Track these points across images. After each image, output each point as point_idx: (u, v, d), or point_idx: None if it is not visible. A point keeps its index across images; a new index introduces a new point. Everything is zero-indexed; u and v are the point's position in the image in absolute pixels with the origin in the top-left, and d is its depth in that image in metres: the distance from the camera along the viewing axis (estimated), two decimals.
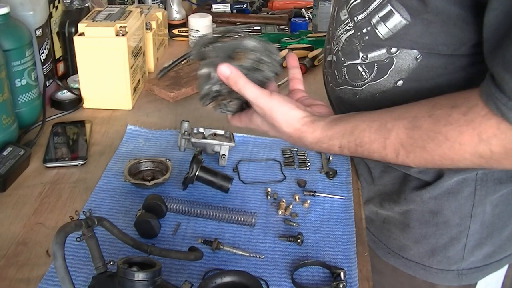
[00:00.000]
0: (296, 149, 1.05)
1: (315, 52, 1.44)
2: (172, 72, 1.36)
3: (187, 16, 1.62)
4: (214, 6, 1.76)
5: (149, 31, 1.36)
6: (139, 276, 0.61)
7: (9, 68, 1.04)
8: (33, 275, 0.76)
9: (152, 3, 1.66)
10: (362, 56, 0.80)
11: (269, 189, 0.94)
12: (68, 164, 1.00)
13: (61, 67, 1.31)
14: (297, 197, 0.92)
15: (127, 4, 1.63)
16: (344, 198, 0.93)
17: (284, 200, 0.90)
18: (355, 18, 0.81)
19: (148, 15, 1.41)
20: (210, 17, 1.55)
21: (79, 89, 1.21)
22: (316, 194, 0.93)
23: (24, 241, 0.82)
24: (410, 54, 0.74)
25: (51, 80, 1.23)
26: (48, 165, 0.99)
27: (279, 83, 1.31)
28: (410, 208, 0.87)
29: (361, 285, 0.76)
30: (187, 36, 1.58)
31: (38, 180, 0.96)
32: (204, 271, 0.77)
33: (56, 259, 0.58)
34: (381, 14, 0.76)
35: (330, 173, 0.98)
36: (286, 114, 0.75)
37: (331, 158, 1.02)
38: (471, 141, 0.62)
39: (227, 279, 0.70)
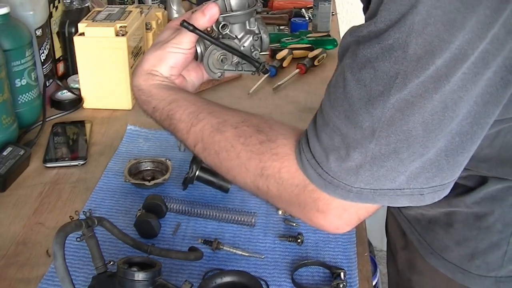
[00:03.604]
0: None
1: (315, 52, 1.44)
2: None
3: None
4: None
5: (149, 31, 1.36)
6: (139, 276, 0.61)
7: (9, 68, 1.04)
8: (33, 275, 0.76)
9: (152, 3, 1.66)
10: None
11: None
12: (68, 164, 1.00)
13: (61, 67, 1.31)
14: None
15: (127, 4, 1.62)
16: None
17: None
18: None
19: (148, 15, 1.41)
20: None
21: (79, 89, 1.21)
22: None
23: (24, 241, 0.82)
24: None
25: (51, 80, 1.23)
26: (48, 165, 0.99)
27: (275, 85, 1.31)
28: (455, 210, 0.86)
29: (361, 285, 0.76)
30: None
31: (38, 180, 0.96)
32: (204, 271, 0.77)
33: (56, 259, 0.58)
34: None
35: None
36: (149, 51, 0.79)
37: None
38: (255, 170, 0.64)
39: (227, 279, 0.70)
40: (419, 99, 0.54)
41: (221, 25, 0.77)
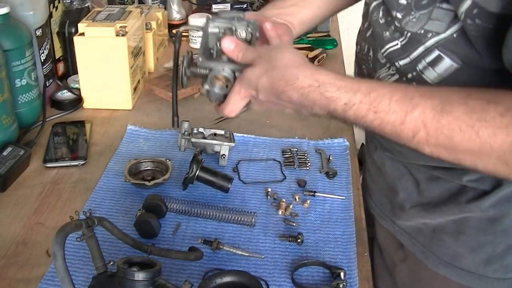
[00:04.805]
0: (296, 149, 1.05)
1: (315, 52, 1.44)
2: (171, 72, 1.35)
3: (187, 16, 1.62)
4: (214, 6, 1.76)
5: (149, 31, 1.36)
6: (139, 276, 0.61)
7: (9, 68, 1.04)
8: (33, 275, 0.76)
9: (152, 3, 1.66)
10: None
11: (269, 189, 0.94)
12: (68, 164, 1.00)
13: (61, 67, 1.31)
14: (297, 197, 0.92)
15: (127, 4, 1.63)
16: (344, 198, 0.93)
17: (284, 200, 0.90)
18: (396, 64, 0.75)
19: (148, 15, 1.41)
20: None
21: (79, 89, 1.21)
22: (316, 194, 0.93)
23: (24, 241, 0.82)
24: None
25: (51, 80, 1.23)
26: (48, 165, 0.99)
27: None
28: (466, 216, 0.81)
29: (361, 285, 0.76)
30: (187, 36, 1.58)
31: (38, 180, 0.96)
32: (204, 271, 0.77)
33: (56, 259, 0.58)
34: (428, 59, 0.70)
35: (330, 173, 0.98)
36: (286, 51, 0.70)
37: (331, 158, 1.02)
38: (502, 145, 0.58)
39: (227, 279, 0.70)
40: None
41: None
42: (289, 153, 1.04)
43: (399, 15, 0.72)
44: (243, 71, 0.73)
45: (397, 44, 0.74)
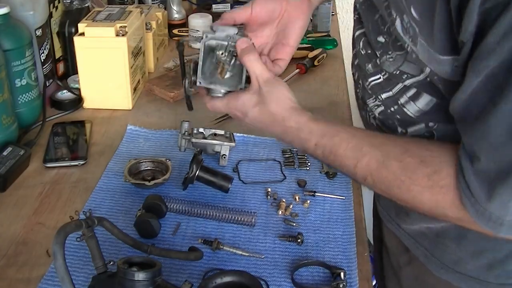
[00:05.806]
0: (296, 149, 1.05)
1: (315, 52, 1.44)
2: (172, 72, 1.36)
3: (187, 16, 1.62)
4: (214, 6, 1.76)
5: (149, 31, 1.36)
6: (139, 276, 0.61)
7: (9, 68, 1.04)
8: (33, 275, 0.76)
9: (152, 3, 1.66)
10: (402, 131, 0.78)
11: (269, 189, 0.94)
12: (68, 164, 1.00)
13: (61, 67, 1.31)
14: (297, 197, 0.92)
15: (127, 4, 1.62)
16: (344, 198, 0.93)
17: (284, 200, 0.90)
18: (379, 97, 0.79)
19: (148, 15, 1.41)
20: (210, 17, 1.55)
21: (79, 89, 1.21)
22: (316, 194, 0.93)
23: (24, 241, 0.82)
24: (452, 126, 0.66)
25: (51, 80, 1.23)
26: (48, 165, 0.99)
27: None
28: None
29: (361, 285, 0.76)
30: (187, 36, 1.58)
31: (38, 180, 0.96)
32: (204, 271, 0.77)
33: (56, 259, 0.58)
34: (409, 94, 0.73)
35: (330, 173, 0.98)
36: (281, 92, 0.77)
37: None
38: (429, 202, 0.65)
39: (227, 279, 0.70)
40: None
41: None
42: (289, 153, 1.04)
43: (377, 52, 0.76)
44: (240, 92, 0.79)
45: (380, 78, 0.78)
